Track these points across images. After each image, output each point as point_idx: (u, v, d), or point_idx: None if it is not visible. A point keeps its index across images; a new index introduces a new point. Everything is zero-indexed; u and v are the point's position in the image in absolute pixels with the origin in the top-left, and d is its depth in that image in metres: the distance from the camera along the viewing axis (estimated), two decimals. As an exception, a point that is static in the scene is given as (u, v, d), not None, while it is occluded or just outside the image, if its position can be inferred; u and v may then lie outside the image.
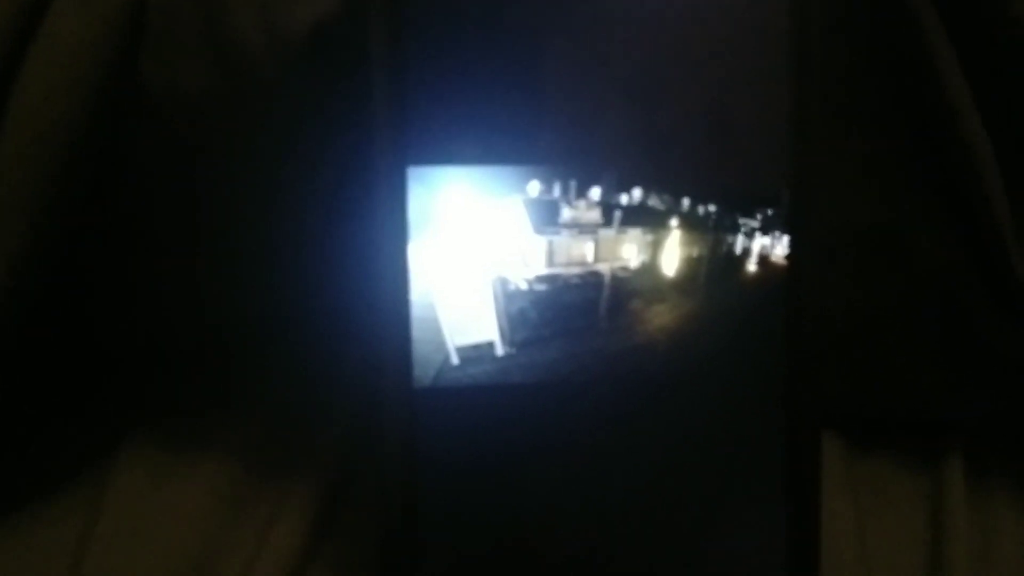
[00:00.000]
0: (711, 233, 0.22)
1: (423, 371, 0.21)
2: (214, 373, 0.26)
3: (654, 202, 0.21)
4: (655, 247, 0.22)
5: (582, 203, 0.21)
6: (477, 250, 0.21)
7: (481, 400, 0.21)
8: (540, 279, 0.21)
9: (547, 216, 0.21)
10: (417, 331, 0.21)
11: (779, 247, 0.22)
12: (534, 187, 0.21)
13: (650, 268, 0.22)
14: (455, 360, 0.21)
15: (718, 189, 0.22)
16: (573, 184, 0.21)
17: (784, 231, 0.22)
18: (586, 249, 0.22)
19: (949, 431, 0.28)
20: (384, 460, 0.21)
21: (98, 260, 0.24)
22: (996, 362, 0.26)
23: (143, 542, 0.24)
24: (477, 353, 0.21)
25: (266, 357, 0.26)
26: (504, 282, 0.21)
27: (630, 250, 0.22)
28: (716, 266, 0.22)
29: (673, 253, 0.22)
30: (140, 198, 0.23)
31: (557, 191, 0.21)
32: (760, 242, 0.22)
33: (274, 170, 0.23)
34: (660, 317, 0.22)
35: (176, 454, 0.26)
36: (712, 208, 0.22)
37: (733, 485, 0.22)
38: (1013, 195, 0.24)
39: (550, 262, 0.21)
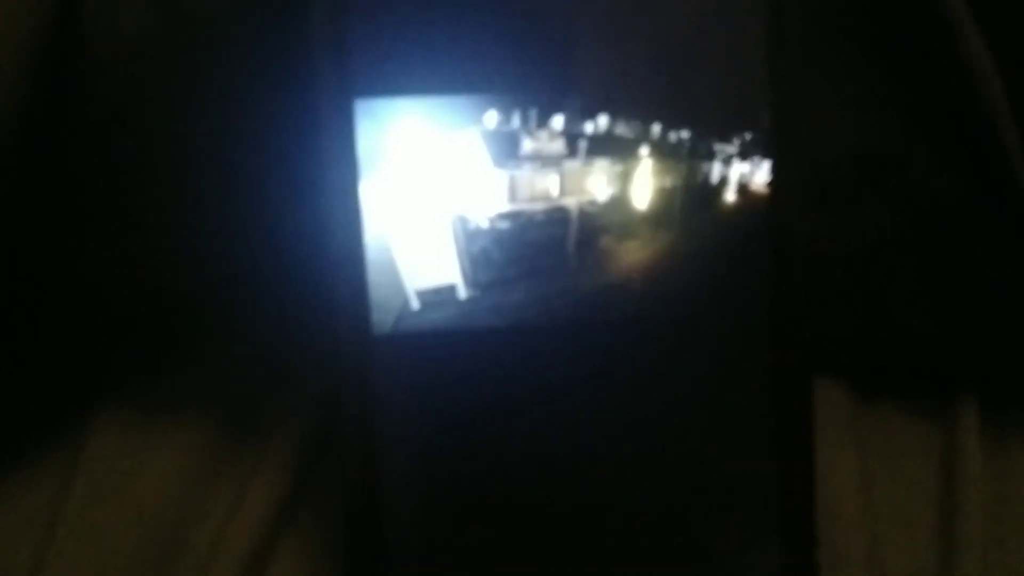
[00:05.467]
0: (685, 161, 0.21)
1: (382, 317, 0.20)
2: (182, 333, 0.26)
3: (622, 130, 0.21)
4: (625, 178, 0.21)
5: (544, 133, 0.20)
6: (433, 187, 0.20)
7: (444, 346, 0.20)
8: (502, 216, 0.21)
9: (507, 148, 0.20)
10: (374, 275, 0.20)
11: (759, 174, 0.21)
12: (492, 118, 0.20)
13: (620, 201, 0.21)
14: (415, 305, 0.21)
15: (691, 113, 0.21)
16: (534, 113, 0.20)
17: (765, 157, 0.20)
18: (550, 183, 0.21)
19: (963, 378, 0.26)
20: (342, 413, 0.20)
21: (55, 222, 0.24)
22: (1008, 300, 0.24)
23: (117, 506, 0.24)
24: (438, 297, 0.21)
25: (234, 313, 0.26)
26: (464, 221, 0.21)
27: (598, 182, 0.21)
28: (692, 197, 0.21)
29: (645, 184, 0.21)
30: (90, 154, 0.23)
31: (517, 121, 0.20)
32: (739, 169, 0.21)
33: (218, 113, 0.23)
34: (633, 254, 0.21)
35: (152, 417, 0.25)
36: (685, 134, 0.21)
37: (718, 434, 0.21)
38: (1019, 113, 0.22)
39: (512, 198, 0.21)
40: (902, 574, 0.24)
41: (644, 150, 0.21)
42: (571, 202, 0.21)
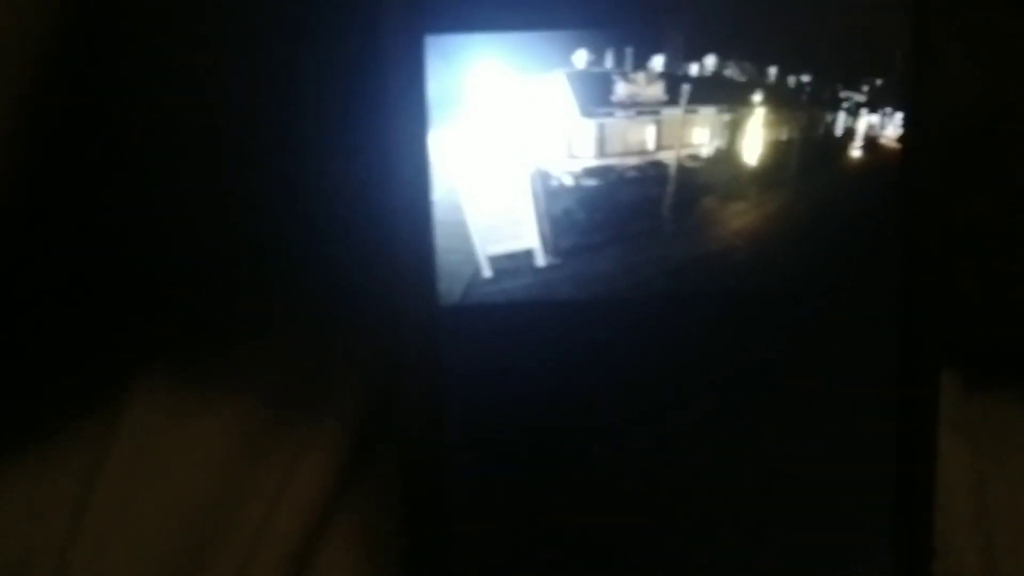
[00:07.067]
0: (804, 110, 0.20)
1: (450, 286, 0.19)
2: (230, 299, 0.25)
3: (731, 72, 0.19)
4: (733, 129, 0.20)
5: (641, 76, 0.19)
6: (511, 138, 0.19)
7: (519, 319, 0.20)
8: (589, 172, 0.19)
9: (597, 93, 0.19)
10: (442, 238, 0.19)
11: (891, 127, 0.19)
12: (580, 57, 0.19)
13: (727, 156, 0.20)
14: (487, 273, 0.20)
15: (813, 54, 0.19)
16: (629, 52, 0.19)
17: (898, 107, 0.19)
18: (646, 134, 0.20)
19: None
20: (403, 392, 0.19)
21: (105, 173, 0.23)
22: None
23: (155, 484, 0.24)
24: (513, 264, 0.20)
25: (286, 279, 0.25)
26: (545, 177, 0.20)
27: (701, 134, 0.20)
28: (811, 152, 0.20)
29: (756, 136, 0.20)
30: (138, 100, 0.22)
31: (609, 62, 0.19)
32: (867, 120, 0.19)
33: (272, 54, 0.22)
34: (739, 218, 0.20)
35: (195, 389, 0.25)
36: (805, 78, 0.19)
37: (827, 429, 0.20)
38: None
39: (601, 151, 0.19)
40: (1021, 587, 0.23)
41: (757, 96, 0.20)
42: (669, 156, 0.20)
